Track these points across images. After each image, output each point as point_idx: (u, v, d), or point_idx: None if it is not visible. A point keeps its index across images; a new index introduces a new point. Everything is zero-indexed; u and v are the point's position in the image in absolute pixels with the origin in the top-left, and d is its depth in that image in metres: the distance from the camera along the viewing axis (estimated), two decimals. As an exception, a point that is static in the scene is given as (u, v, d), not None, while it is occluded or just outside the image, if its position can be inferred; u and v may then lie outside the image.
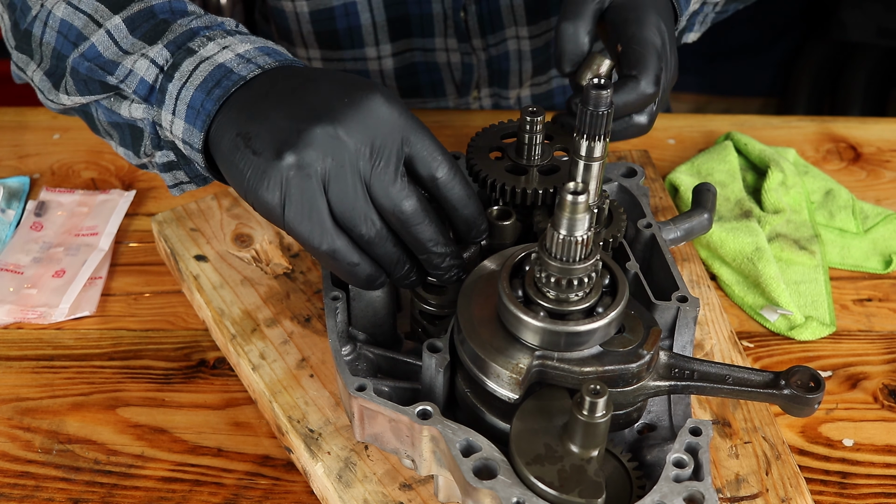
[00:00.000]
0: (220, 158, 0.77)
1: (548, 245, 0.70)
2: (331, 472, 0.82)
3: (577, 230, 0.68)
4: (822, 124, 1.31)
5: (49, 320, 1.00)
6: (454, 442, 0.71)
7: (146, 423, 0.91)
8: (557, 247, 0.69)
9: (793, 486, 0.83)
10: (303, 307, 0.97)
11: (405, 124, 0.75)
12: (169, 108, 0.79)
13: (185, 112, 0.78)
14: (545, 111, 0.87)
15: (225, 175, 0.77)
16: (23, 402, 0.93)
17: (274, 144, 0.72)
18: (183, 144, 0.80)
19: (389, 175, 0.73)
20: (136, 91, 0.81)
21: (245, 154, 0.73)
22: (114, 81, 0.83)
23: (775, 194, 1.12)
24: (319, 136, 0.72)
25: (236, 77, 0.76)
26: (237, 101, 0.76)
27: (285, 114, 0.73)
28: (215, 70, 0.77)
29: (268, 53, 0.80)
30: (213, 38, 0.80)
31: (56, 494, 0.85)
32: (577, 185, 0.67)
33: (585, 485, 0.67)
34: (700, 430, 0.71)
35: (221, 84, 0.76)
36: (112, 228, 1.10)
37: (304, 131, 0.72)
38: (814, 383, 0.73)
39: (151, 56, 0.80)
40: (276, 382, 0.89)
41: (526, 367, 0.71)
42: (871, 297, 1.06)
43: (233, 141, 0.74)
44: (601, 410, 0.67)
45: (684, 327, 0.83)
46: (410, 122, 0.75)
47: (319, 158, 0.71)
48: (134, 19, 0.83)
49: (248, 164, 0.73)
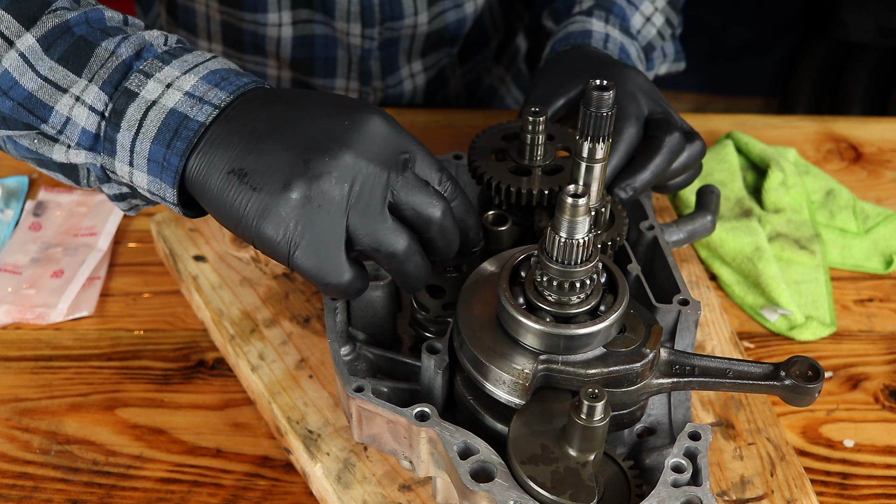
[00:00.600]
0: (206, 199, 0.71)
1: (548, 247, 0.70)
2: (330, 473, 0.81)
3: (577, 233, 0.68)
4: (823, 124, 1.31)
5: (48, 320, 1.00)
6: (452, 444, 0.71)
7: (145, 424, 0.91)
8: (558, 249, 0.69)
9: (798, 487, 0.83)
10: (302, 307, 0.96)
11: (406, 140, 0.73)
12: (124, 160, 0.73)
13: (146, 166, 0.72)
14: (546, 111, 0.87)
15: (213, 214, 0.72)
16: (21, 402, 0.92)
17: (279, 178, 0.68)
18: (149, 194, 0.75)
19: (415, 186, 0.72)
20: (79, 143, 0.74)
21: (242, 191, 0.69)
22: (51, 132, 0.74)
23: (776, 194, 1.12)
24: (331, 163, 0.68)
25: (195, 125, 0.71)
26: (215, 139, 0.71)
27: (283, 145, 0.69)
28: (168, 118, 0.71)
29: (217, 85, 0.73)
30: (150, 73, 0.73)
31: (54, 495, 0.84)
32: (577, 188, 0.67)
33: (578, 488, 0.67)
34: (699, 435, 0.71)
35: (180, 135, 0.71)
36: (111, 228, 1.09)
37: (312, 160, 0.68)
38: (812, 373, 0.73)
39: (88, 102, 0.73)
40: (275, 383, 0.89)
41: (531, 372, 0.71)
42: (872, 297, 1.06)
43: (224, 180, 0.70)
44: (599, 414, 0.66)
45: (685, 330, 0.82)
46: (409, 138, 0.74)
47: (337, 187, 0.68)
48: (48, 37, 0.73)
49: (248, 200, 0.69)
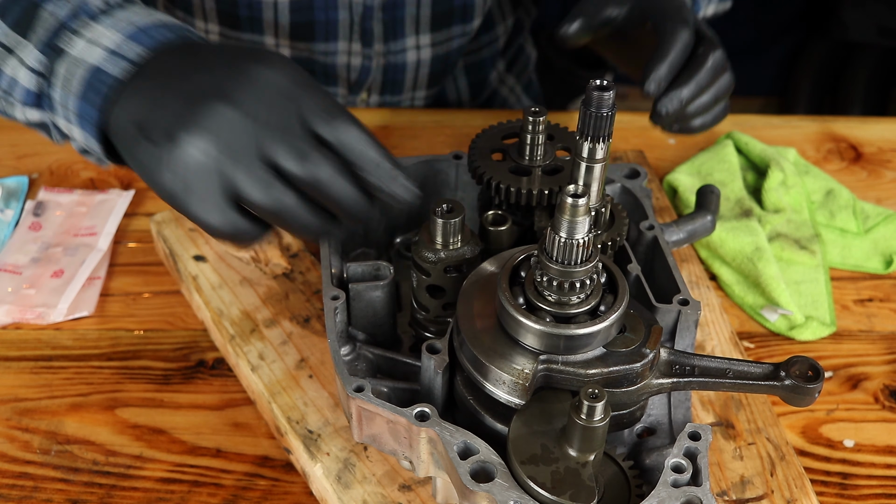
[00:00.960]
0: (122, 152, 0.74)
1: (548, 248, 0.70)
2: (330, 473, 0.81)
3: (577, 233, 0.68)
4: (823, 124, 1.31)
5: (47, 320, 1.00)
6: (452, 444, 0.71)
7: (145, 424, 0.91)
8: (558, 249, 0.69)
9: (798, 487, 0.83)
10: (302, 307, 0.96)
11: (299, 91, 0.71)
12: (62, 116, 0.78)
13: (77, 121, 0.77)
14: (547, 111, 0.87)
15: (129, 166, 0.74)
16: (21, 402, 0.92)
17: (167, 129, 0.69)
18: (86, 148, 0.79)
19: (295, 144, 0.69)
20: (24, 101, 0.80)
21: (140, 143, 0.70)
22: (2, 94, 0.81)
23: (776, 194, 1.12)
24: (211, 114, 0.68)
25: (110, 79, 0.74)
26: (129, 93, 0.73)
27: (175, 95, 0.70)
28: (89, 75, 0.75)
29: (134, 38, 0.75)
30: (79, 31, 0.77)
31: (54, 495, 0.84)
32: (576, 188, 0.67)
33: (578, 488, 0.67)
34: (699, 435, 0.71)
35: (96, 88, 0.74)
36: (111, 228, 1.09)
37: (196, 112, 0.68)
38: (812, 373, 0.73)
39: (28, 63, 0.78)
40: (275, 383, 0.89)
41: (531, 372, 0.71)
42: (872, 297, 1.06)
43: (127, 132, 0.72)
44: (599, 414, 0.66)
45: (685, 330, 0.82)
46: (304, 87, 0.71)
47: (214, 139, 0.68)
48: (5, 4, 0.80)
49: (145, 152, 0.70)
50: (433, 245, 0.82)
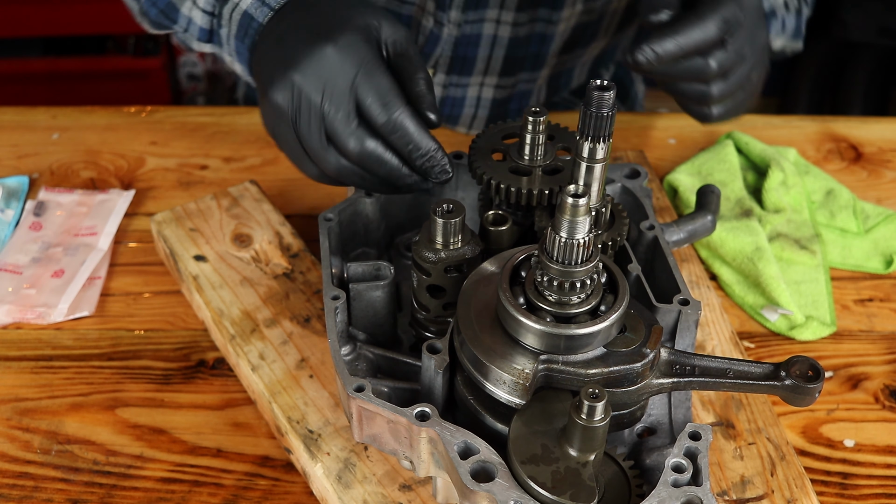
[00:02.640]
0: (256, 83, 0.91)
1: (548, 248, 0.70)
2: (330, 472, 0.81)
3: (577, 233, 0.68)
4: (823, 124, 1.31)
5: (48, 320, 1.00)
6: (452, 444, 0.71)
7: (145, 424, 0.91)
8: (558, 249, 0.69)
9: (798, 487, 0.83)
10: (302, 307, 0.96)
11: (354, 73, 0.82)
12: (227, 51, 0.99)
13: (237, 57, 0.98)
14: (547, 111, 0.87)
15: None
16: (22, 402, 0.92)
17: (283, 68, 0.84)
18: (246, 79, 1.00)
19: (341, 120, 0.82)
20: (199, 38, 1.01)
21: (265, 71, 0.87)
22: (180, 33, 1.02)
23: (776, 194, 1.12)
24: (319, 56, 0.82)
25: (256, 25, 0.92)
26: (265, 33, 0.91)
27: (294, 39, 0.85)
28: (242, 18, 0.93)
29: None
30: None
31: (55, 495, 0.84)
32: (577, 188, 0.67)
33: (578, 488, 0.67)
34: (699, 435, 0.71)
35: (248, 33, 0.93)
36: (111, 228, 1.09)
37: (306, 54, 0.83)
38: (813, 373, 0.73)
39: (200, 5, 1.00)
40: (275, 383, 0.89)
41: (532, 372, 0.71)
42: (872, 297, 1.06)
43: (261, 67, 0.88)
44: (600, 414, 0.66)
45: (685, 330, 0.82)
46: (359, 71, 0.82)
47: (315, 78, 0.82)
48: None
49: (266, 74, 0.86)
50: (433, 245, 0.82)
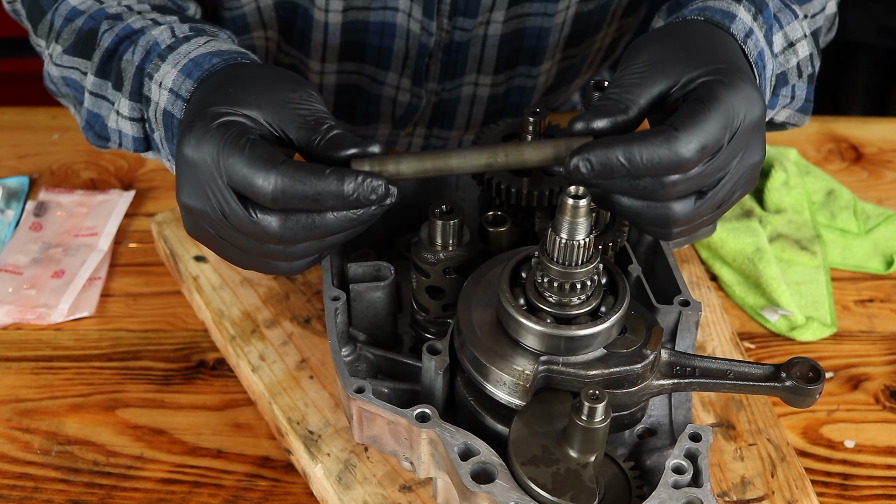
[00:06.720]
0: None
1: (548, 249, 0.70)
2: (330, 473, 0.81)
3: (577, 234, 0.68)
4: (824, 124, 1.31)
5: (48, 321, 1.00)
6: (452, 445, 0.71)
7: (145, 425, 0.91)
8: (558, 251, 0.69)
9: (798, 488, 0.83)
10: (302, 308, 0.96)
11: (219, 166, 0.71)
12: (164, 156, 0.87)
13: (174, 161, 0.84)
14: (547, 112, 0.87)
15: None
16: (22, 403, 0.92)
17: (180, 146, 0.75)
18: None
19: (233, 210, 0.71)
20: (135, 148, 0.88)
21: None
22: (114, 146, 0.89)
23: (777, 194, 1.12)
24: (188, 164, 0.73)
25: (175, 120, 0.81)
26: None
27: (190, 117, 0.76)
28: (164, 118, 0.82)
29: (187, 73, 0.80)
30: (152, 74, 0.83)
31: (55, 496, 0.84)
32: (577, 189, 0.67)
33: (579, 489, 0.67)
34: (700, 436, 0.71)
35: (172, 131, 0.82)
36: (111, 229, 1.09)
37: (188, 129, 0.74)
38: (813, 374, 0.73)
39: (126, 114, 0.87)
40: (275, 384, 0.89)
41: (532, 373, 0.71)
42: (873, 297, 1.06)
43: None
44: (600, 415, 0.66)
45: (686, 331, 0.82)
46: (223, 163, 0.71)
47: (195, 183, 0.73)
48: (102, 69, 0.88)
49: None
50: (432, 246, 0.82)
